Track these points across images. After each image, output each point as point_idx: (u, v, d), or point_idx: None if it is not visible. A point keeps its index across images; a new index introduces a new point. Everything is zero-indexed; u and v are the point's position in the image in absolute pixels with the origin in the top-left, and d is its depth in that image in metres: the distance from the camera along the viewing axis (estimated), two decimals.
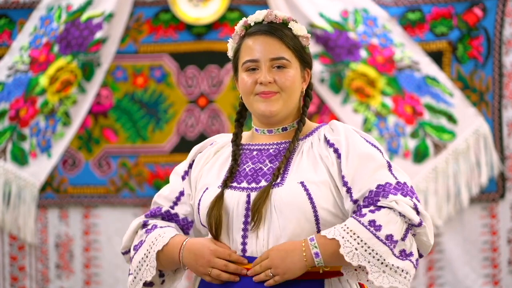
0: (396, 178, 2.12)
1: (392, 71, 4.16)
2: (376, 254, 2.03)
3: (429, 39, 4.18)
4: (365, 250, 2.03)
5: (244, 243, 2.14)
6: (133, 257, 2.25)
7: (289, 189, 2.13)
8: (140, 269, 2.21)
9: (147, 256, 2.20)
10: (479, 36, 4.15)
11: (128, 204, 4.26)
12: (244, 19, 2.28)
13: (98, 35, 4.20)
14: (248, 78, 2.21)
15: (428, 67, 4.16)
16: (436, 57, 4.17)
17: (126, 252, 2.33)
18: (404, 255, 2.06)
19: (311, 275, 2.13)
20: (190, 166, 2.33)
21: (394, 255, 2.04)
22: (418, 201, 2.11)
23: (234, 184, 2.19)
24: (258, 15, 2.26)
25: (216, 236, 2.16)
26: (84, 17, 4.20)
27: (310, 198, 2.12)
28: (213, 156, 2.31)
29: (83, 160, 4.29)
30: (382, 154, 2.17)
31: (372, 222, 2.05)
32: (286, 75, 2.20)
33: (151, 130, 4.28)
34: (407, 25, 4.18)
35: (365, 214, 2.07)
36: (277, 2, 4.16)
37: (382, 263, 2.03)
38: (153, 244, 2.21)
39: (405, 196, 2.09)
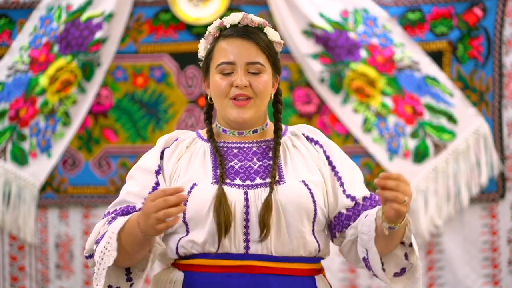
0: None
1: (392, 71, 4.16)
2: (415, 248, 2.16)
3: (429, 39, 4.18)
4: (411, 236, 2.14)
5: (247, 240, 2.14)
6: (95, 250, 2.10)
7: (294, 188, 2.16)
8: (102, 259, 2.06)
9: (108, 243, 2.06)
10: (479, 36, 4.15)
11: None
12: (219, 20, 2.26)
13: (98, 35, 4.20)
14: (222, 80, 2.20)
15: (428, 67, 4.16)
16: (436, 57, 4.17)
17: (90, 256, 2.16)
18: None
19: (305, 272, 2.17)
20: (160, 162, 2.24)
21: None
22: None
23: (228, 180, 2.18)
24: (234, 18, 2.24)
25: (224, 234, 2.11)
26: (84, 17, 4.20)
27: (313, 197, 2.16)
28: (185, 151, 2.26)
29: (83, 160, 4.29)
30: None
31: None
32: (260, 80, 2.20)
33: (151, 130, 4.28)
34: (407, 25, 4.18)
35: None
36: (277, 2, 4.16)
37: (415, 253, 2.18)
38: (115, 228, 2.07)
39: None
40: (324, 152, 2.25)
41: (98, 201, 4.28)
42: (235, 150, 2.25)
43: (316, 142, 2.26)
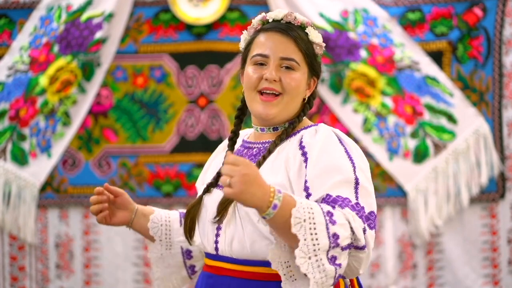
0: (356, 199, 2.04)
1: (392, 71, 4.16)
2: (316, 240, 1.91)
3: (429, 39, 4.18)
4: (309, 229, 1.90)
5: (216, 242, 2.17)
6: None
7: None
8: None
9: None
10: (479, 36, 4.15)
11: None
12: (263, 14, 2.26)
13: (98, 35, 4.20)
14: (254, 72, 2.19)
15: (428, 67, 4.16)
16: (436, 57, 4.17)
17: None
18: (333, 260, 1.95)
19: (270, 277, 2.10)
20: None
21: (327, 255, 1.93)
22: (371, 229, 2.02)
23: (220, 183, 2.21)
24: (278, 13, 2.23)
25: (190, 240, 2.27)
26: (84, 17, 4.20)
27: None
28: (222, 151, 2.34)
29: (83, 160, 4.29)
30: (355, 169, 2.08)
31: (329, 214, 1.94)
32: (292, 77, 2.17)
33: (151, 130, 4.27)
34: (407, 25, 4.18)
35: (324, 206, 1.97)
36: (277, 2, 4.16)
37: (314, 250, 1.91)
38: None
39: (359, 217, 2.00)
40: (304, 154, 2.11)
41: None
42: (245, 151, 2.26)
43: (300, 143, 2.14)
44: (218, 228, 2.16)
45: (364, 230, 1.99)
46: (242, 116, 2.32)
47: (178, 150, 4.26)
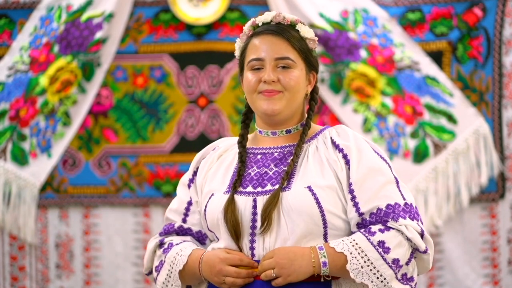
0: (404, 199, 2.16)
1: (392, 71, 4.16)
2: (381, 275, 2.07)
3: (429, 39, 4.18)
4: (371, 270, 2.07)
5: (252, 248, 2.15)
6: (156, 278, 2.28)
7: (296, 194, 2.14)
8: None
9: (170, 277, 2.23)
10: (479, 36, 4.15)
11: (128, 204, 4.26)
12: (252, 19, 2.29)
13: (98, 35, 4.20)
14: (252, 76, 2.22)
15: (428, 67, 4.16)
16: (436, 57, 4.17)
17: (149, 273, 2.35)
18: (405, 279, 2.11)
19: (318, 277, 2.14)
20: (195, 173, 2.33)
21: (397, 278, 2.09)
22: (422, 223, 2.15)
23: (240, 189, 2.19)
24: (267, 16, 2.27)
25: (238, 239, 2.16)
26: (84, 17, 4.20)
27: (318, 202, 2.13)
28: (216, 161, 2.31)
29: (83, 160, 4.29)
30: (391, 169, 2.20)
31: (381, 243, 2.08)
32: (290, 75, 2.21)
33: (151, 130, 4.28)
34: (407, 25, 4.19)
35: (375, 232, 2.10)
36: (277, 2, 4.16)
37: (385, 285, 2.08)
38: (173, 263, 2.23)
39: (412, 219, 2.13)
40: (345, 156, 2.18)
41: (98, 201, 4.28)
42: (259, 157, 2.25)
43: (337, 146, 2.20)
44: (253, 234, 2.15)
45: (422, 232, 2.12)
46: (247, 121, 2.33)
47: (178, 150, 4.26)
